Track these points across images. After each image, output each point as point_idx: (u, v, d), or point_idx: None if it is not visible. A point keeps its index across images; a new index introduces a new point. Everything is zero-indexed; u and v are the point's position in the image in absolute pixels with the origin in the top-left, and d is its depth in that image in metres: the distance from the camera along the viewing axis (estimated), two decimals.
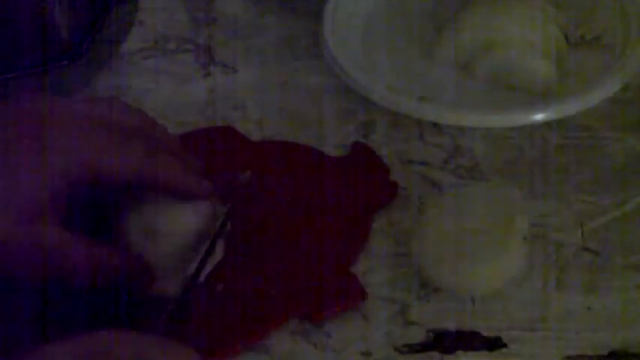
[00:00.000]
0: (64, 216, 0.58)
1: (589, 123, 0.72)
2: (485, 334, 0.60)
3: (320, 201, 0.67)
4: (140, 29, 0.85)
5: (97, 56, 0.82)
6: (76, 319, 0.60)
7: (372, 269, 0.64)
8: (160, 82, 0.80)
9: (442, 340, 0.60)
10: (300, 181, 0.69)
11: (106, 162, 0.58)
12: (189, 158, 0.63)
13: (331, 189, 0.68)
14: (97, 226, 0.62)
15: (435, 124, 0.73)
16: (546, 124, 0.71)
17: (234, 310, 0.62)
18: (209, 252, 0.62)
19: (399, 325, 0.61)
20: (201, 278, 0.62)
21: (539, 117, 0.71)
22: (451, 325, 0.61)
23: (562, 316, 0.61)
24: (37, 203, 0.57)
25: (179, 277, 0.61)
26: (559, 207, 0.67)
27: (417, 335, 0.61)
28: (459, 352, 0.59)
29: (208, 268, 0.62)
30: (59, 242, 0.57)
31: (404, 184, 0.69)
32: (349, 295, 0.62)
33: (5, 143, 0.57)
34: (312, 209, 0.67)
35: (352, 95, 0.74)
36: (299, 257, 0.64)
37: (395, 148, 0.72)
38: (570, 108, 0.71)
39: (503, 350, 0.59)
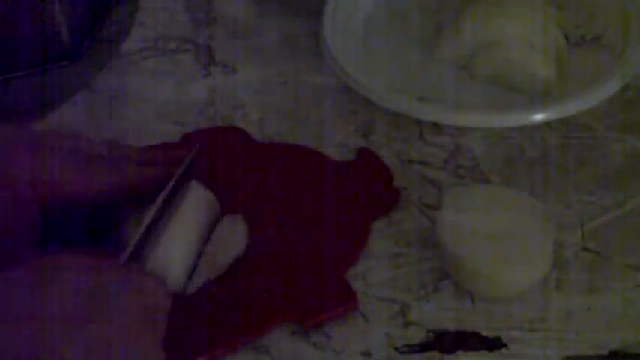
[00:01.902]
0: (39, 236, 0.59)
1: (589, 123, 0.72)
2: (485, 334, 0.60)
3: (321, 206, 0.67)
4: (140, 29, 0.85)
5: (97, 56, 0.82)
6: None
7: (372, 269, 0.64)
8: (160, 82, 0.80)
9: (442, 340, 0.60)
10: (303, 186, 0.69)
11: (73, 184, 0.59)
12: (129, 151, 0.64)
13: (333, 194, 0.68)
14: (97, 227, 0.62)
15: (435, 124, 0.73)
16: (546, 124, 0.71)
17: (225, 309, 0.62)
18: (169, 198, 0.61)
19: (399, 325, 0.61)
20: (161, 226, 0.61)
21: (539, 117, 0.71)
22: (451, 325, 0.61)
23: (562, 316, 0.61)
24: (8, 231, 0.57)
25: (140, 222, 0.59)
26: (559, 207, 0.67)
27: (417, 335, 0.61)
28: (459, 352, 0.59)
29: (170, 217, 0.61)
30: None
31: (404, 184, 0.69)
32: (339, 303, 0.62)
33: None
34: (313, 214, 0.67)
35: (352, 95, 0.75)
36: (295, 262, 0.64)
37: (395, 148, 0.72)
38: (570, 108, 0.71)
39: (503, 350, 0.59)
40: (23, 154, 0.59)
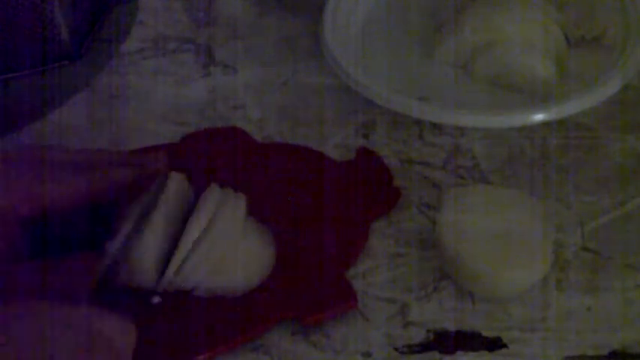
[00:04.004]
0: (26, 244, 0.59)
1: (589, 123, 0.72)
2: (485, 334, 0.60)
3: (321, 206, 0.67)
4: (140, 29, 0.85)
5: (97, 56, 0.82)
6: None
7: (372, 269, 0.64)
8: (160, 82, 0.80)
9: (442, 340, 0.60)
10: (303, 186, 0.69)
11: (51, 195, 0.59)
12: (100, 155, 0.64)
13: (333, 194, 0.68)
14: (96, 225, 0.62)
15: (435, 124, 0.73)
16: (546, 124, 0.71)
17: (225, 309, 0.62)
18: (142, 216, 0.61)
19: (399, 325, 0.61)
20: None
21: (539, 117, 0.71)
22: (451, 325, 0.61)
23: (562, 316, 0.61)
24: None
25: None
26: (559, 207, 0.67)
27: (417, 335, 0.61)
28: (459, 352, 0.60)
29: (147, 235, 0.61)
30: None
31: (404, 184, 0.69)
32: (340, 300, 0.62)
33: None
34: (313, 214, 0.67)
35: (352, 95, 0.74)
36: (295, 261, 0.64)
37: (395, 148, 0.72)
38: (570, 108, 0.71)
39: (503, 350, 0.59)
40: None
